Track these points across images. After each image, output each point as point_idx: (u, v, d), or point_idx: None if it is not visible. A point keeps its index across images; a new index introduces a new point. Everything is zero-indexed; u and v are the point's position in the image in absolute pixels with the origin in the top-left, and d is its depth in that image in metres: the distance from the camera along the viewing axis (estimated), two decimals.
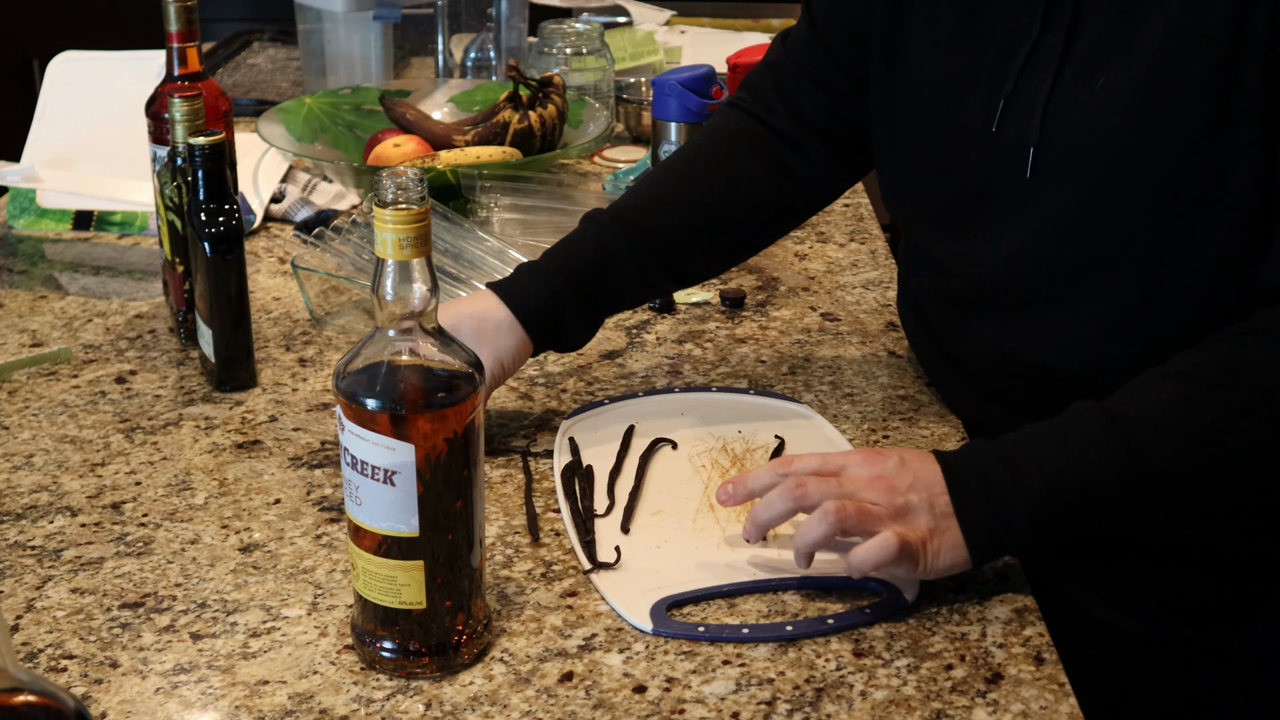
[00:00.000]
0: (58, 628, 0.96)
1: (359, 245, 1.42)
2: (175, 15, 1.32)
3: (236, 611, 0.97)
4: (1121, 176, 1.02)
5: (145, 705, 0.89)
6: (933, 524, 0.96)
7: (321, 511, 1.09)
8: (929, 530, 0.96)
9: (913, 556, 0.95)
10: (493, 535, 1.06)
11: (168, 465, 1.16)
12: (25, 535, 1.06)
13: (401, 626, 0.90)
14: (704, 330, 1.41)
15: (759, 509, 0.99)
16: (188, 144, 1.23)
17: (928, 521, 0.96)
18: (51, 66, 1.79)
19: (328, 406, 1.25)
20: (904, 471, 0.97)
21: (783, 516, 0.98)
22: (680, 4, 2.68)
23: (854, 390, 1.28)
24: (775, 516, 0.98)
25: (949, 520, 0.96)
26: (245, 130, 1.72)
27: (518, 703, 0.88)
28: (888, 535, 0.94)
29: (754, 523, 1.00)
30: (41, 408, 1.26)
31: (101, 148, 1.68)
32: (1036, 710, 0.88)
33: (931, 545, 0.95)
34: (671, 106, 1.64)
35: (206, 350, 1.28)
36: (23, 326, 1.43)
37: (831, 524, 0.95)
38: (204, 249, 1.24)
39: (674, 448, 1.17)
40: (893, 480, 0.97)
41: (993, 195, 1.10)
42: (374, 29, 2.10)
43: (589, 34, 2.03)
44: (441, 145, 1.73)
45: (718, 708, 0.88)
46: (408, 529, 0.87)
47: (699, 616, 0.96)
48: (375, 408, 0.85)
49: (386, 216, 0.83)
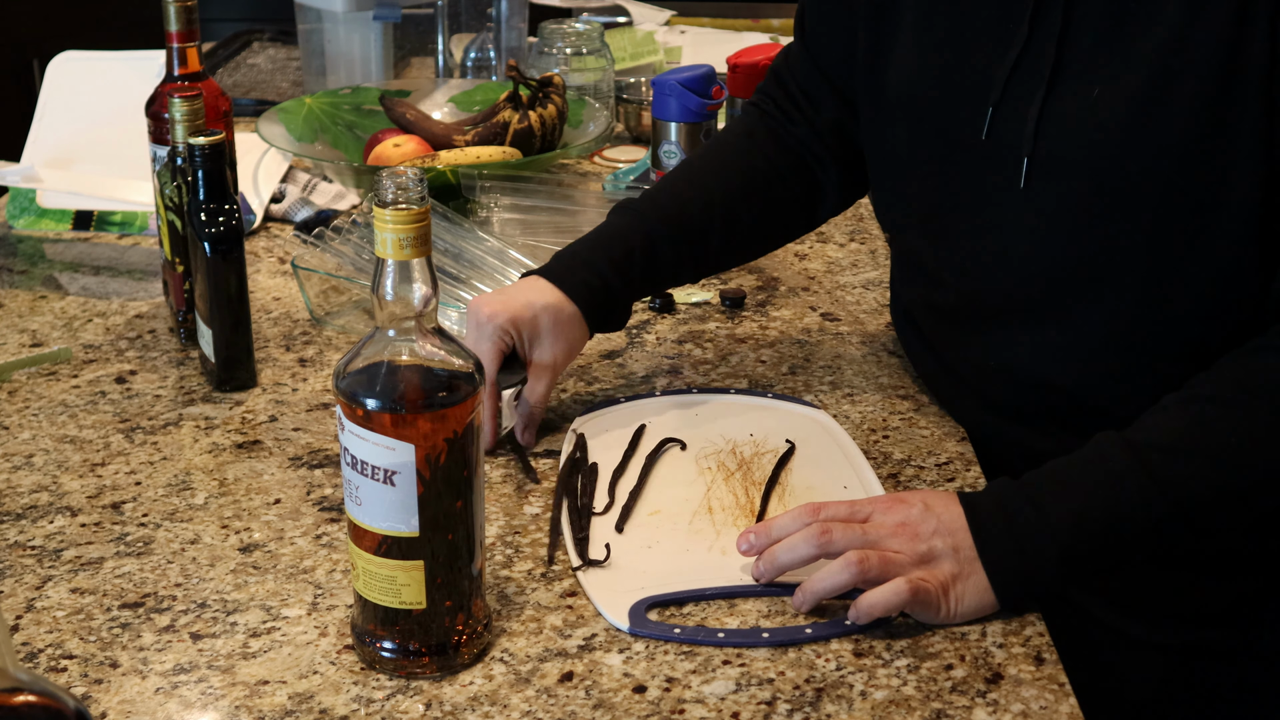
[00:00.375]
0: (58, 628, 0.96)
1: (359, 245, 1.42)
2: (175, 15, 1.32)
3: (236, 611, 0.97)
4: (1118, 185, 1.02)
5: (145, 705, 0.89)
6: (956, 569, 0.95)
7: (321, 511, 1.09)
8: (952, 576, 0.95)
9: (930, 604, 0.94)
10: (493, 535, 1.06)
11: (168, 465, 1.16)
12: (25, 535, 1.06)
13: (401, 626, 0.90)
14: (704, 330, 1.40)
15: (781, 550, 0.97)
16: (188, 144, 1.23)
17: (951, 567, 0.95)
18: (51, 66, 1.79)
19: (328, 406, 1.25)
20: (928, 517, 0.97)
21: (804, 561, 0.97)
22: (680, 4, 2.68)
23: (854, 390, 1.28)
24: (796, 560, 0.97)
25: (974, 565, 0.95)
26: (245, 130, 1.72)
27: (518, 703, 0.88)
28: (899, 583, 0.93)
29: (772, 563, 0.98)
30: (41, 408, 1.26)
31: (101, 148, 1.68)
32: (1036, 710, 0.88)
33: (955, 590, 0.95)
34: (671, 106, 1.64)
35: (206, 350, 1.28)
36: (23, 326, 1.43)
37: (854, 574, 0.94)
38: (204, 249, 1.24)
39: (683, 448, 1.17)
40: (917, 527, 0.96)
41: (985, 204, 1.09)
42: (374, 29, 2.10)
43: (589, 34, 2.03)
44: (441, 145, 1.73)
45: (718, 708, 0.88)
46: (408, 529, 0.87)
47: (697, 618, 0.96)
48: (375, 408, 0.85)
49: (386, 216, 0.83)
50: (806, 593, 0.96)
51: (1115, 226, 1.03)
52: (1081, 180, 1.03)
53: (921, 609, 0.94)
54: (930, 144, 1.13)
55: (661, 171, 1.67)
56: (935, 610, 0.94)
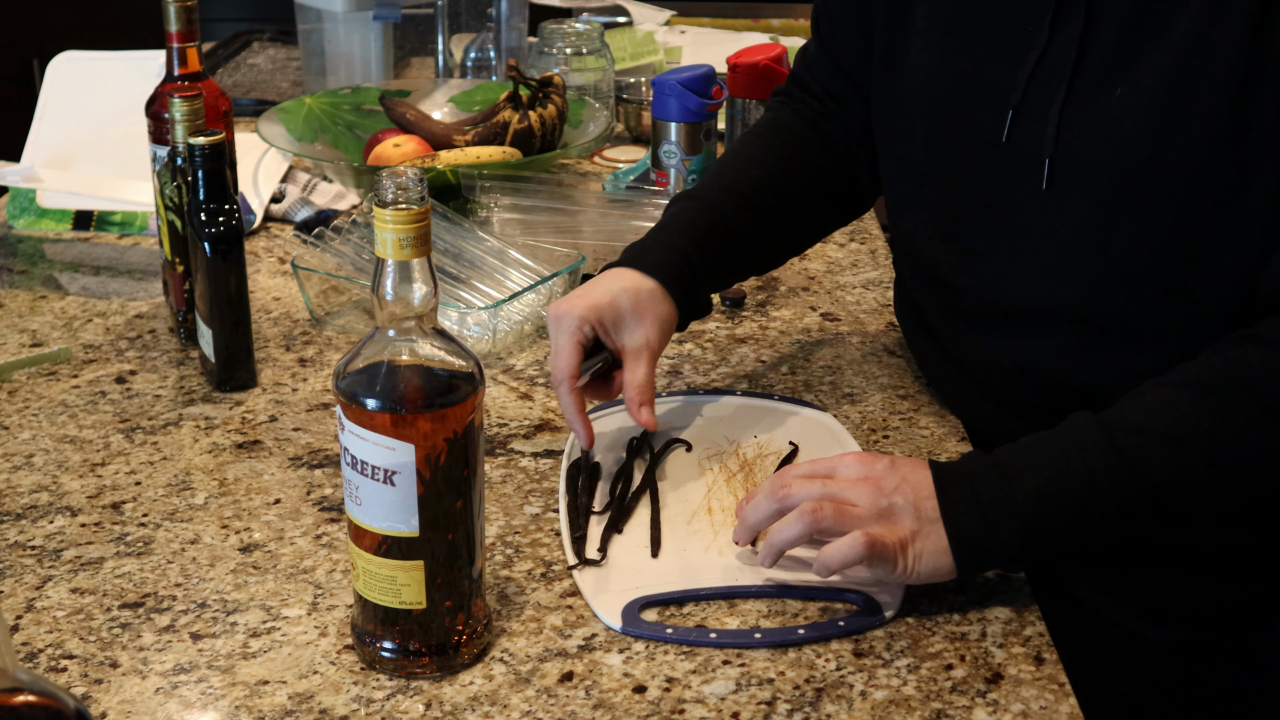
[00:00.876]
0: (58, 628, 0.96)
1: (359, 245, 1.42)
2: (175, 15, 1.32)
3: (236, 611, 0.97)
4: (1142, 186, 1.01)
5: (145, 705, 0.89)
6: (916, 527, 0.95)
7: (321, 511, 1.09)
8: (911, 533, 0.95)
9: (887, 558, 0.94)
10: (493, 535, 1.06)
11: (168, 465, 1.16)
12: (25, 535, 1.06)
13: (401, 626, 0.90)
14: (704, 330, 1.40)
15: (747, 511, 0.99)
16: (188, 144, 1.23)
17: (911, 524, 0.95)
18: (51, 66, 1.79)
19: (328, 406, 1.25)
20: (892, 473, 0.97)
21: (770, 518, 0.98)
22: (680, 4, 2.68)
23: (854, 390, 1.28)
24: (762, 518, 0.98)
25: (934, 526, 0.95)
26: (245, 130, 1.72)
27: (518, 703, 0.88)
28: (855, 536, 0.93)
29: (743, 525, 1.00)
30: (41, 408, 1.26)
31: (101, 148, 1.68)
32: (1036, 710, 0.88)
33: (914, 548, 0.95)
34: (671, 106, 1.64)
35: (206, 350, 1.28)
36: (23, 326, 1.43)
37: (807, 523, 0.94)
38: (204, 249, 1.24)
39: (688, 449, 1.17)
40: (880, 481, 0.96)
41: (1006, 208, 1.09)
42: (374, 29, 2.10)
43: (589, 34, 2.03)
44: (441, 145, 1.73)
45: (718, 708, 0.88)
46: (408, 529, 0.87)
47: (698, 618, 0.96)
48: (375, 408, 0.85)
49: (386, 216, 0.83)
50: (766, 546, 0.96)
51: (1138, 226, 1.02)
52: (1104, 181, 1.03)
53: (879, 563, 0.94)
54: (948, 148, 1.13)
55: (662, 171, 1.67)
56: (892, 566, 0.94)
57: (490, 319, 1.33)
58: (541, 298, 1.40)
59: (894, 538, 0.94)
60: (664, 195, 1.64)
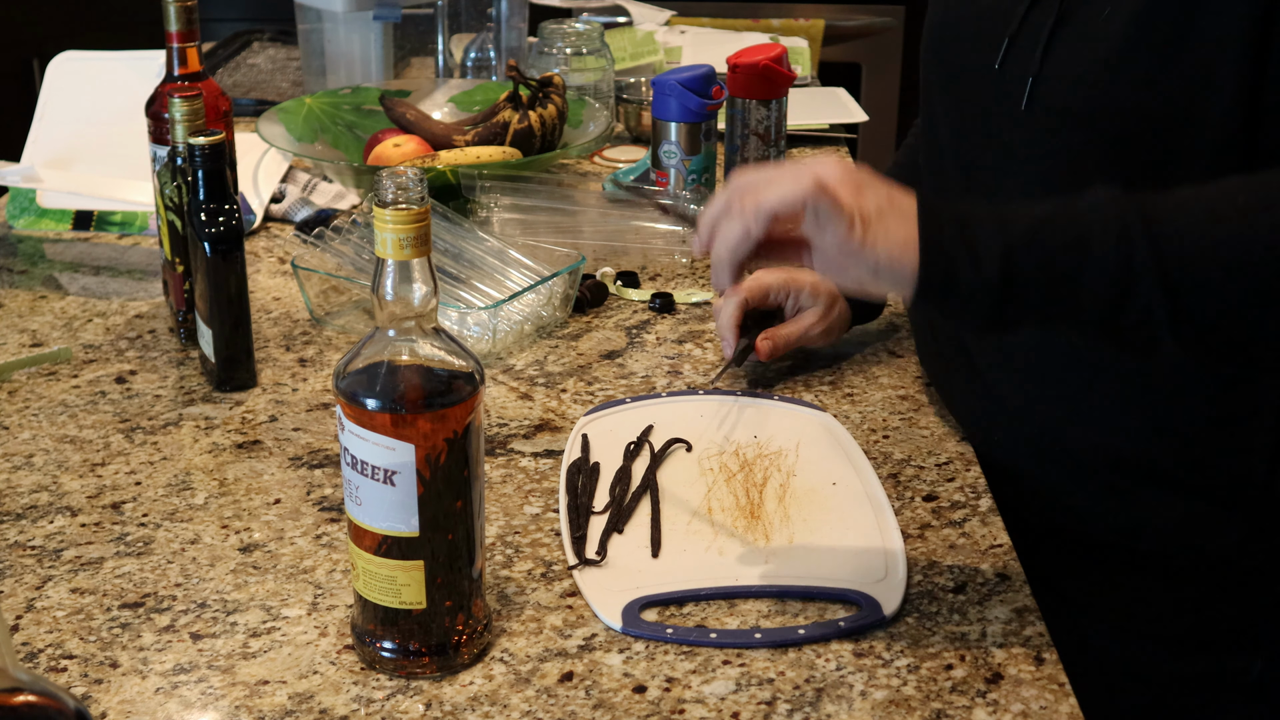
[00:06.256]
0: (58, 628, 0.96)
1: (359, 245, 1.42)
2: (175, 15, 1.32)
3: (236, 611, 0.97)
4: (1120, 107, 1.01)
5: (145, 705, 0.89)
6: (884, 208, 0.87)
7: (321, 511, 1.09)
8: (876, 210, 0.87)
9: (837, 215, 0.86)
10: (493, 535, 1.06)
11: (168, 465, 1.16)
12: (25, 535, 1.06)
13: (401, 626, 0.90)
14: (704, 330, 1.40)
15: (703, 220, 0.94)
16: (188, 144, 1.23)
17: (878, 203, 0.87)
18: (51, 66, 1.79)
19: (328, 406, 1.25)
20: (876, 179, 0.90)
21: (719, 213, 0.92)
22: (680, 4, 2.68)
23: (854, 390, 1.28)
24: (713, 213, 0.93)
25: (905, 219, 0.87)
26: (245, 130, 1.72)
27: (518, 703, 0.88)
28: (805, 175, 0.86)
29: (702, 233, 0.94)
30: (41, 408, 1.26)
31: (101, 148, 1.68)
32: (1036, 710, 0.88)
33: (874, 227, 0.86)
34: (671, 106, 1.64)
35: (206, 350, 1.28)
36: (23, 326, 1.43)
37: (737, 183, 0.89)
38: (204, 249, 1.24)
39: (688, 449, 1.17)
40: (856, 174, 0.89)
41: (993, 131, 1.10)
42: (374, 29, 2.10)
43: (589, 34, 2.03)
44: (441, 145, 1.73)
45: (718, 708, 0.88)
46: (408, 529, 0.87)
47: (698, 618, 0.96)
48: (375, 408, 0.85)
49: (386, 216, 0.83)
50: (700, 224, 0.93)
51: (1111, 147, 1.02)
52: (1083, 100, 1.02)
53: (827, 219, 0.86)
54: (951, 76, 1.16)
55: (662, 171, 1.67)
56: (839, 225, 0.86)
57: (490, 319, 1.33)
58: (541, 298, 1.40)
59: (852, 200, 0.86)
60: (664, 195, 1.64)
